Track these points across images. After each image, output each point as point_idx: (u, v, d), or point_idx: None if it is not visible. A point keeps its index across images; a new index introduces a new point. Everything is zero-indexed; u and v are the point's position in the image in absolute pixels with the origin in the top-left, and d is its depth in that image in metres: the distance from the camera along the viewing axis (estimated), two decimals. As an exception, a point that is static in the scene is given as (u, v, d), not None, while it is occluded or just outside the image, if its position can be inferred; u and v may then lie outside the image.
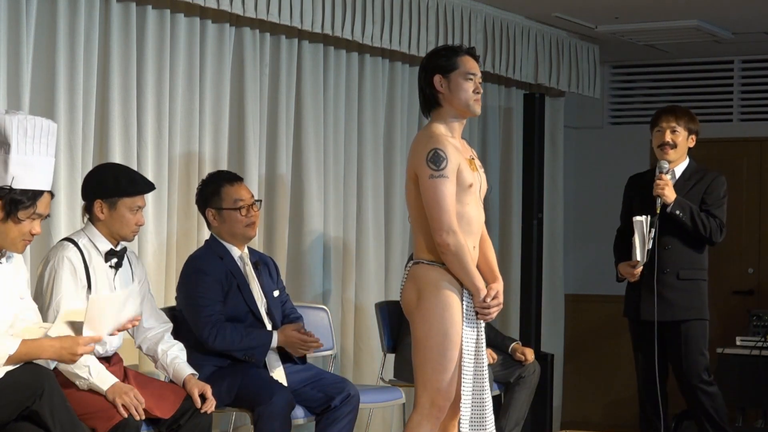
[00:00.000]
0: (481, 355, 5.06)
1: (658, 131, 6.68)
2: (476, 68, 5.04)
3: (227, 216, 5.88)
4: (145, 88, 6.20)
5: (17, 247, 4.57)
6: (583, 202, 9.77)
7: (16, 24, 5.59)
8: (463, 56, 5.02)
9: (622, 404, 9.60)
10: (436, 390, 4.95)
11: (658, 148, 6.68)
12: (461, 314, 4.96)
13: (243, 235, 5.91)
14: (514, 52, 8.21)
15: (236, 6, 6.31)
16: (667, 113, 6.68)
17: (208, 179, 6.01)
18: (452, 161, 4.91)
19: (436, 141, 4.94)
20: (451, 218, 4.90)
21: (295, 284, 7.06)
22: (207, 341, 5.69)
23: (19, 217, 4.48)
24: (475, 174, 5.04)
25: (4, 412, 4.28)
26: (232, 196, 5.89)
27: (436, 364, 4.94)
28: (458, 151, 4.98)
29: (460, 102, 5.00)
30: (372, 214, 7.56)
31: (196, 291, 5.77)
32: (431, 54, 5.16)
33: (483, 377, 5.06)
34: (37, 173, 4.50)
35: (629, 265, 6.59)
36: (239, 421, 6.52)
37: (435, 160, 4.90)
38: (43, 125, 4.52)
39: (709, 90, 9.55)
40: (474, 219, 5.02)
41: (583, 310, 9.67)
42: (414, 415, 5.01)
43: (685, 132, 6.66)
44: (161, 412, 5.08)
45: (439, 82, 5.00)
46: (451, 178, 4.90)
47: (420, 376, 4.99)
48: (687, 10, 7.96)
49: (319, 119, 7.18)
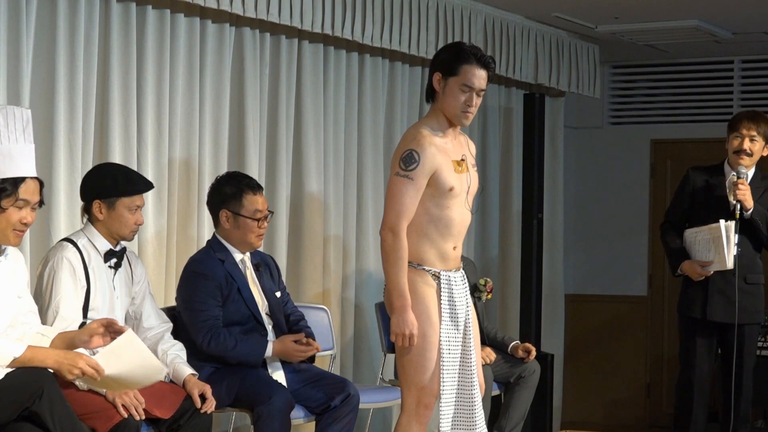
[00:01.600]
0: (469, 353, 5.05)
1: (736, 136, 6.63)
2: (479, 81, 4.92)
3: (243, 223, 5.84)
4: (145, 88, 6.20)
5: (8, 238, 4.52)
6: (583, 202, 9.77)
7: (16, 24, 5.59)
8: (470, 65, 4.90)
9: (622, 404, 9.61)
10: (420, 389, 4.97)
11: (734, 153, 6.64)
12: (438, 313, 4.96)
13: (251, 245, 5.90)
14: (514, 52, 8.21)
15: (236, 6, 6.31)
16: (749, 120, 6.62)
17: (228, 179, 5.93)
18: (426, 165, 4.88)
19: (417, 142, 4.91)
20: (398, 219, 4.89)
21: (295, 284, 7.06)
22: (202, 345, 5.68)
23: (2, 205, 4.45)
24: (463, 175, 5.00)
25: (3, 412, 4.28)
26: (253, 206, 5.84)
27: (417, 364, 4.96)
28: (443, 152, 4.94)
29: (449, 110, 4.96)
30: (372, 214, 7.56)
31: (194, 295, 5.75)
32: (444, 48, 5.12)
33: (470, 375, 5.06)
34: (18, 162, 4.47)
35: (699, 265, 6.60)
36: (239, 421, 6.52)
37: (406, 160, 4.89)
38: (15, 113, 4.48)
39: (709, 90, 9.54)
40: (455, 221, 5.00)
41: (583, 310, 9.67)
42: (402, 417, 5.02)
43: (762, 141, 6.63)
44: (161, 412, 5.08)
45: (437, 81, 4.97)
46: (416, 181, 4.88)
47: (403, 377, 5.02)
48: (687, 10, 7.96)
49: (319, 119, 7.18)
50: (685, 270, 6.69)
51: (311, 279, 7.15)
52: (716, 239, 6.48)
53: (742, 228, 6.53)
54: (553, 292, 9.11)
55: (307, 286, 7.13)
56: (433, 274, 4.99)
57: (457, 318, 5.02)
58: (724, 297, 6.60)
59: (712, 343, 6.70)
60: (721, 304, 6.61)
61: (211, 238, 5.95)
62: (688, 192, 6.79)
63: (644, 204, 9.67)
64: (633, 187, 9.67)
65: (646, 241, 9.65)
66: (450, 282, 5.01)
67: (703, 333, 6.70)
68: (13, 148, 4.46)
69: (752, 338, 6.72)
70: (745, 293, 6.63)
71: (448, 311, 4.99)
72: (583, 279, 9.76)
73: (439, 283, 4.99)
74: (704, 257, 6.57)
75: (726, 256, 6.46)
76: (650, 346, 9.60)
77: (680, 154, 9.52)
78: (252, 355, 5.74)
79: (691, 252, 6.67)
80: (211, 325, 5.70)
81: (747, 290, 6.64)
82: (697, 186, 6.76)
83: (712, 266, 6.56)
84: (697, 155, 9.17)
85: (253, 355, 5.74)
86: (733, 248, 6.47)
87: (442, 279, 4.99)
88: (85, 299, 5.11)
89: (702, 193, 6.71)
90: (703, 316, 6.66)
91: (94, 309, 5.13)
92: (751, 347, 6.71)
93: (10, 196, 4.46)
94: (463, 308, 5.05)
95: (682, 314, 6.79)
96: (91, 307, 5.12)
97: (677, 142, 9.59)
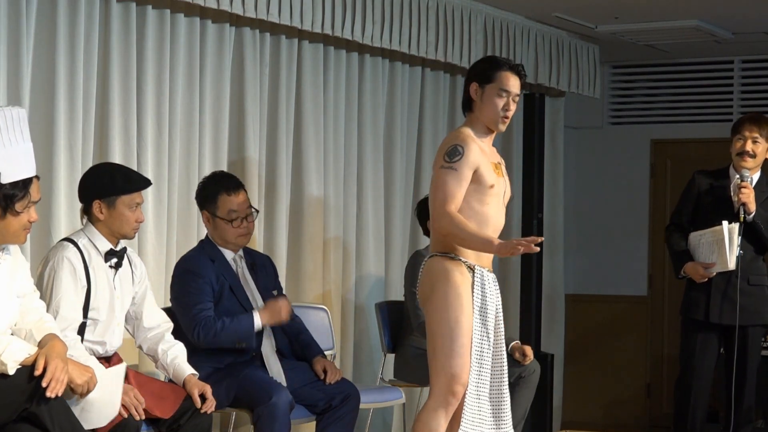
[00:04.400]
0: (500, 348, 5.14)
1: (739, 139, 6.64)
2: (514, 86, 5.14)
3: (219, 224, 5.87)
4: (145, 88, 6.20)
5: (20, 238, 4.57)
6: (583, 202, 9.77)
7: (16, 24, 5.59)
8: (504, 71, 5.12)
9: (622, 404, 9.61)
10: (450, 375, 5.01)
11: (736, 155, 6.65)
12: (472, 304, 5.02)
13: (234, 244, 5.91)
14: (514, 52, 8.20)
15: (236, 6, 6.31)
16: (751, 122, 6.63)
17: (208, 180, 5.98)
18: (470, 158, 5.03)
19: (461, 139, 5.08)
20: (444, 203, 5.01)
21: (295, 284, 7.06)
22: (196, 340, 5.68)
23: (17, 209, 4.47)
24: (500, 179, 5.16)
25: (2, 413, 4.28)
26: (227, 207, 5.85)
27: (448, 350, 5.01)
28: (483, 153, 5.10)
29: (487, 115, 5.13)
30: (372, 214, 7.56)
31: (184, 291, 5.76)
32: (478, 61, 5.32)
33: (501, 370, 5.15)
34: (22, 162, 4.48)
35: (702, 266, 6.61)
36: (239, 421, 6.51)
37: (451, 153, 5.04)
38: (13, 114, 4.47)
39: (709, 90, 9.54)
40: (492, 219, 5.14)
41: (583, 310, 9.67)
42: (430, 401, 5.06)
43: (765, 143, 6.64)
44: (161, 412, 5.08)
45: (474, 91, 5.14)
46: (460, 171, 5.02)
47: (434, 363, 5.07)
48: (687, 10, 7.96)
49: (319, 119, 7.18)
50: (688, 271, 6.69)
51: (311, 279, 7.15)
52: (719, 241, 6.49)
53: (745, 231, 6.53)
54: (553, 292, 9.11)
55: (308, 286, 7.13)
56: (468, 266, 5.07)
57: (487, 314, 5.08)
58: (726, 299, 6.60)
59: (713, 345, 6.71)
60: (723, 305, 6.61)
61: (204, 238, 5.97)
62: (694, 195, 6.81)
63: (644, 204, 9.67)
64: (633, 187, 9.67)
65: (646, 241, 9.65)
66: (483, 279, 5.09)
67: (705, 334, 6.70)
68: (15, 150, 4.46)
69: (756, 340, 6.71)
70: (747, 295, 6.62)
71: (479, 305, 5.06)
72: (583, 279, 9.76)
73: (473, 276, 5.06)
74: (707, 259, 6.58)
75: (728, 257, 6.47)
76: (650, 346, 9.60)
77: (680, 154, 9.52)
78: (242, 329, 5.70)
79: (695, 254, 6.67)
80: (201, 317, 5.68)
81: (750, 292, 6.64)
82: (702, 189, 6.77)
83: (714, 268, 6.57)
84: (697, 155, 9.18)
85: (243, 329, 5.71)
86: (735, 250, 6.48)
87: (476, 273, 5.07)
88: (86, 299, 5.10)
89: (707, 195, 6.72)
90: (705, 317, 6.66)
91: (95, 309, 5.13)
92: (755, 349, 6.71)
93: (23, 199, 4.49)
94: (493, 307, 5.13)
95: (685, 316, 6.80)
96: (91, 307, 5.12)
97: (677, 142, 9.59)
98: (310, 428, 6.20)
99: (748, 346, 6.66)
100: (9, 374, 4.29)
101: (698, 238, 6.65)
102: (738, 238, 6.48)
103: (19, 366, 4.31)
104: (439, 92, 8.11)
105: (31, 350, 4.36)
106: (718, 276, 6.60)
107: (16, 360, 4.31)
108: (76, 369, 4.46)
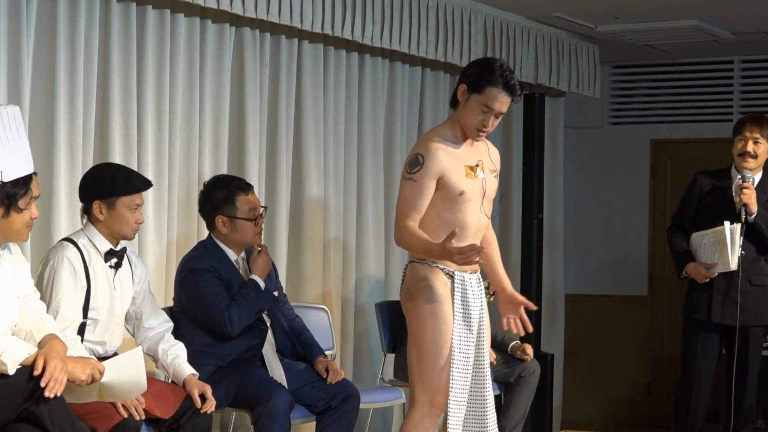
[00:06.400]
0: (482, 355, 5.07)
1: (740, 139, 6.64)
2: (501, 105, 4.93)
3: (240, 225, 5.82)
4: (145, 88, 6.20)
5: (22, 236, 4.57)
6: (583, 202, 9.77)
7: (16, 24, 5.60)
8: (496, 88, 4.91)
9: (622, 404, 9.61)
10: (435, 387, 4.97)
11: (738, 156, 6.65)
12: (452, 312, 4.97)
13: (251, 243, 5.89)
14: (514, 52, 8.21)
15: (236, 6, 6.31)
16: (752, 123, 6.63)
17: (217, 184, 5.92)
18: (431, 167, 4.92)
19: (425, 147, 4.98)
20: (401, 217, 4.95)
21: (295, 284, 7.06)
22: (226, 330, 5.67)
23: (20, 206, 4.48)
24: (476, 180, 5.01)
25: (2, 413, 4.28)
26: (247, 205, 5.84)
27: (432, 362, 4.96)
28: (453, 157, 4.98)
29: (465, 123, 5.00)
30: (372, 214, 7.56)
31: (197, 287, 5.74)
32: (477, 62, 5.10)
33: (483, 377, 5.07)
34: (21, 159, 4.48)
35: (704, 267, 6.61)
36: (239, 421, 6.52)
37: (411, 163, 4.97)
38: (8, 112, 4.48)
39: (709, 90, 9.54)
40: (469, 224, 5.01)
41: (583, 310, 9.67)
42: (414, 413, 5.01)
43: (766, 143, 6.64)
44: (161, 412, 5.08)
45: (461, 93, 5.00)
46: (420, 183, 4.92)
47: (418, 374, 5.01)
48: (687, 10, 7.96)
49: (319, 119, 7.18)
50: (689, 272, 6.69)
51: (312, 279, 7.15)
52: (721, 242, 6.49)
53: (747, 232, 6.54)
54: (553, 292, 9.11)
55: (308, 286, 7.13)
56: (447, 272, 5.00)
57: (470, 319, 5.02)
58: (728, 299, 6.61)
59: (715, 345, 6.71)
60: (725, 306, 6.62)
61: (206, 239, 5.93)
62: (695, 195, 6.81)
63: (644, 204, 9.67)
64: (633, 187, 9.67)
65: (646, 241, 9.65)
66: (464, 282, 5.02)
67: (706, 335, 6.70)
68: (13, 148, 4.46)
69: (757, 340, 6.72)
70: (749, 295, 6.63)
71: (461, 311, 4.99)
72: (583, 279, 9.76)
73: (453, 282, 5.00)
74: (709, 260, 6.58)
75: (730, 257, 6.47)
76: (650, 346, 9.61)
77: (680, 154, 9.52)
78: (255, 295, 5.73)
79: (697, 255, 6.67)
80: (222, 307, 5.69)
81: (752, 292, 6.65)
82: (704, 190, 6.78)
83: (716, 268, 6.57)
84: (697, 155, 9.18)
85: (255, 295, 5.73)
86: (737, 250, 6.48)
87: (456, 278, 5.00)
88: (86, 299, 5.11)
89: (709, 196, 6.73)
90: (707, 318, 6.67)
91: (95, 309, 5.13)
92: (756, 349, 6.71)
93: (26, 196, 4.49)
94: (477, 310, 5.06)
95: (687, 316, 6.80)
96: (91, 307, 5.12)
97: (677, 142, 9.60)
98: (310, 428, 6.20)
99: (750, 347, 6.67)
100: (9, 374, 4.28)
101: (700, 238, 6.66)
102: (740, 238, 6.48)
103: (19, 366, 4.31)
104: (439, 92, 8.11)
105: (31, 350, 4.36)
106: (720, 276, 6.61)
107: (16, 360, 4.31)
108: (77, 365, 4.45)
